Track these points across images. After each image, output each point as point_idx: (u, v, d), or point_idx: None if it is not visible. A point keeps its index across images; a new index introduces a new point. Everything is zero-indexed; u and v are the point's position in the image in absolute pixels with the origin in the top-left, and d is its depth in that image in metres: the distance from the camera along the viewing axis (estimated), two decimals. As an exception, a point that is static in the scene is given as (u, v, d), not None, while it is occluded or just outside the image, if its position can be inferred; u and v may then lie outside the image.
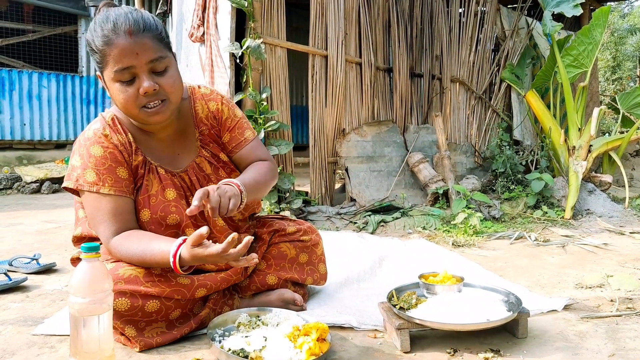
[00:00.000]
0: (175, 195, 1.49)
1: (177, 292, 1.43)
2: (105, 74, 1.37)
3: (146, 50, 1.32)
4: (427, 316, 1.44)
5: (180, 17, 4.84)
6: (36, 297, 1.90)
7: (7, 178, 5.61)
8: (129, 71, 1.32)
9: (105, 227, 1.41)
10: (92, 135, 1.44)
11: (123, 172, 1.44)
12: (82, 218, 1.57)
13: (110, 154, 1.42)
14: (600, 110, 4.00)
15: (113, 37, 1.30)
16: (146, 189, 1.47)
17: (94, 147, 1.42)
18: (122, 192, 1.43)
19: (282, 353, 1.28)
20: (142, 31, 1.33)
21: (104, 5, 1.41)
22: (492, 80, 5.27)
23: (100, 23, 1.33)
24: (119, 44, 1.30)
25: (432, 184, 4.05)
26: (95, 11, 1.43)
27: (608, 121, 9.78)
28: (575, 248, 2.82)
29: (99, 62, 1.36)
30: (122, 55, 1.30)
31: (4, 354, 1.37)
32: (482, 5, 5.10)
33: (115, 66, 1.32)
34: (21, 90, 6.69)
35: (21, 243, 2.87)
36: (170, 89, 1.38)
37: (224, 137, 1.62)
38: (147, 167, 1.49)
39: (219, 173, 1.59)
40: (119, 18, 1.32)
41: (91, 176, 1.41)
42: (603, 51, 13.91)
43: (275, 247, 1.76)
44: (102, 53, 1.33)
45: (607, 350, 1.43)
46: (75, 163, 1.44)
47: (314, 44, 3.84)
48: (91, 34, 1.35)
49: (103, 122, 1.47)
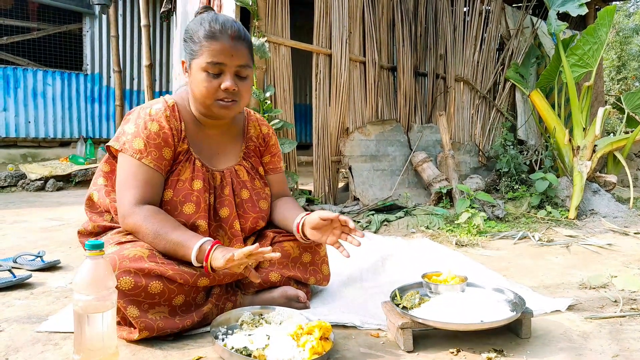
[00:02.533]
0: (200, 187, 1.61)
1: (180, 276, 1.43)
2: (195, 62, 1.53)
3: (239, 56, 1.53)
4: (431, 316, 1.44)
5: (185, 15, 4.85)
6: (40, 294, 1.91)
7: (11, 175, 5.63)
8: (219, 67, 1.51)
9: (133, 192, 1.50)
10: (154, 113, 1.57)
11: (167, 153, 1.56)
12: (100, 185, 1.70)
13: (163, 134, 1.55)
14: (605, 110, 3.98)
15: (218, 35, 1.51)
16: (178, 172, 1.59)
17: (151, 123, 1.55)
18: (160, 169, 1.54)
19: (285, 351, 1.28)
20: (242, 39, 1.55)
21: (204, 10, 1.65)
22: (497, 80, 5.26)
23: (210, 20, 1.53)
24: (221, 42, 1.51)
25: (435, 184, 4.04)
26: (196, 12, 1.67)
27: (613, 121, 9.75)
28: (580, 248, 2.81)
29: (193, 51, 1.53)
30: (220, 52, 1.50)
31: (8, 350, 1.38)
32: (487, 4, 5.09)
33: (210, 59, 1.50)
34: (26, 88, 6.71)
35: (25, 240, 2.88)
36: (244, 93, 1.58)
37: (265, 158, 1.84)
38: (187, 156, 1.62)
39: (254, 183, 1.77)
40: (226, 22, 1.54)
41: (139, 144, 1.52)
42: (608, 51, 13.84)
43: (279, 245, 1.77)
44: (201, 44, 1.51)
45: (611, 351, 1.42)
46: (128, 129, 1.56)
47: (318, 43, 3.84)
48: (196, 26, 1.55)
49: (165, 105, 1.60)
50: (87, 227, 1.72)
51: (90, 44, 7.25)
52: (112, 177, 1.72)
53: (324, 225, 1.58)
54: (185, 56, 1.59)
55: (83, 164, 6.15)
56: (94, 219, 1.71)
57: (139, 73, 7.57)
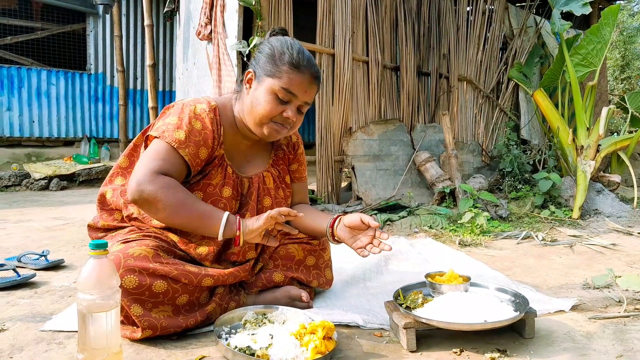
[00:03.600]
0: (229, 194, 1.62)
1: (184, 276, 1.44)
2: (269, 81, 1.53)
3: (311, 94, 1.57)
4: (434, 315, 1.44)
5: (188, 15, 4.85)
6: (44, 293, 1.91)
7: (15, 175, 5.65)
8: (290, 96, 1.53)
9: (157, 164, 1.45)
10: (199, 111, 1.56)
11: (203, 154, 1.55)
12: (117, 185, 1.70)
13: (204, 134, 1.54)
14: (609, 109, 3.97)
15: (303, 68, 1.53)
16: (210, 176, 1.59)
17: (195, 121, 1.54)
18: (192, 165, 1.52)
19: (288, 351, 1.28)
20: (318, 81, 1.59)
21: (281, 31, 1.66)
22: (500, 79, 5.25)
23: (298, 49, 1.55)
24: (303, 77, 1.53)
25: (438, 183, 4.04)
26: (270, 31, 1.67)
27: (617, 121, 9.71)
28: (583, 248, 2.80)
29: (271, 71, 1.53)
30: (298, 84, 1.52)
31: (13, 349, 1.38)
32: (490, 3, 5.08)
33: (287, 86, 1.51)
34: (30, 88, 6.72)
35: (29, 239, 2.90)
36: (296, 125, 1.62)
37: (292, 166, 1.85)
38: (221, 161, 1.62)
39: (278, 192, 1.77)
40: (311, 59, 1.57)
41: (180, 135, 1.49)
42: (612, 50, 13.80)
43: (284, 247, 1.78)
44: (283, 69, 1.51)
45: (614, 351, 1.42)
46: (170, 121, 1.52)
47: (321, 42, 3.83)
48: (282, 47, 1.54)
49: (208, 107, 1.59)
50: (97, 224, 1.72)
51: (93, 44, 7.26)
52: (130, 172, 1.70)
53: (359, 228, 1.57)
54: (256, 68, 1.57)
55: (87, 164, 6.17)
56: (104, 217, 1.70)
57: (143, 72, 7.58)
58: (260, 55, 1.58)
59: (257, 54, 1.60)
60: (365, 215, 1.56)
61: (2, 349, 1.38)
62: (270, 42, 1.58)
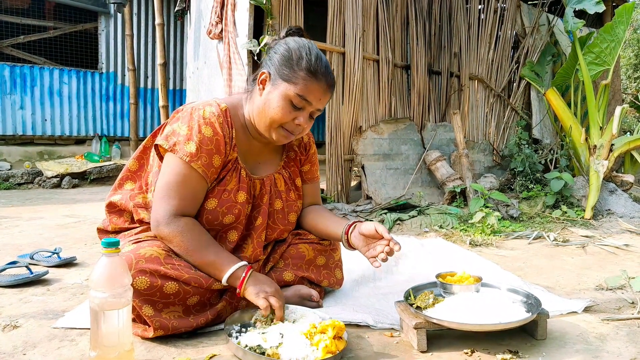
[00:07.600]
0: (244, 199, 1.60)
1: (194, 280, 1.44)
2: (284, 86, 1.50)
3: (324, 102, 1.56)
4: (445, 316, 1.43)
5: (199, 14, 4.87)
6: (57, 290, 1.93)
7: (28, 173, 5.72)
8: (304, 103, 1.51)
9: (174, 203, 1.47)
10: (208, 115, 1.52)
11: (217, 161, 1.53)
12: (126, 190, 1.70)
13: (216, 141, 1.52)
14: (623, 108, 3.92)
15: (320, 76, 1.51)
16: (225, 182, 1.57)
17: (206, 127, 1.51)
18: (207, 176, 1.51)
19: (298, 350, 1.28)
20: (332, 89, 1.58)
21: (297, 31, 1.64)
22: (512, 78, 5.21)
23: (316, 55, 1.52)
24: (319, 85, 1.51)
25: (449, 183, 4.02)
26: (286, 30, 1.64)
27: (630, 120, 9.60)
28: (596, 249, 2.77)
29: (287, 75, 1.50)
30: (313, 92, 1.50)
31: (26, 346, 1.40)
32: (502, 2, 5.04)
33: (302, 93, 1.49)
34: (42, 87, 6.79)
35: (42, 237, 2.92)
36: (306, 130, 1.60)
37: (304, 167, 1.83)
38: (235, 165, 1.60)
39: (289, 194, 1.75)
40: (328, 66, 1.55)
41: (191, 147, 1.48)
42: (625, 49, 13.63)
43: (294, 247, 1.78)
44: (300, 74, 1.49)
45: (628, 353, 1.40)
46: (180, 131, 1.51)
47: (332, 41, 3.83)
48: (300, 51, 1.51)
49: (218, 109, 1.55)
50: (107, 227, 1.73)
51: (105, 43, 7.31)
52: (140, 175, 1.71)
53: (374, 237, 1.56)
54: (272, 69, 1.53)
55: (98, 162, 6.22)
56: (114, 220, 1.71)
57: (153, 71, 7.63)
58: (275, 55, 1.54)
59: (272, 53, 1.56)
60: (380, 226, 1.55)
61: (15, 346, 1.40)
62: (288, 42, 1.54)
